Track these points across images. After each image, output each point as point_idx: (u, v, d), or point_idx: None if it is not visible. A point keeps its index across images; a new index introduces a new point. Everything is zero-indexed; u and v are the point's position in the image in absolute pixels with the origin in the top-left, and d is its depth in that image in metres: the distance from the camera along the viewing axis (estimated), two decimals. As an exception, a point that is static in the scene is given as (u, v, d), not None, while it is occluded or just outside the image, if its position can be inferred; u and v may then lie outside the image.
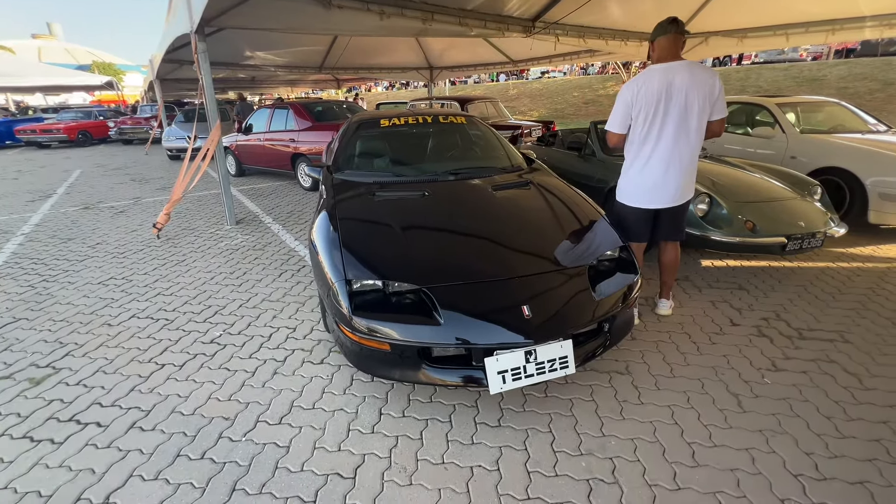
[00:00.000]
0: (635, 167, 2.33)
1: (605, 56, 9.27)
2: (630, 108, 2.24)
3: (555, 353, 1.69)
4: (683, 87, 2.12)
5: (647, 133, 2.23)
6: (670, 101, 2.14)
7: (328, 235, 2.11)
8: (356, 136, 3.22)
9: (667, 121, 2.17)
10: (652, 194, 2.31)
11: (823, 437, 1.70)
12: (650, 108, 2.17)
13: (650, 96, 2.16)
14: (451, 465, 1.62)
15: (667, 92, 2.13)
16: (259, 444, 1.74)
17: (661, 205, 2.32)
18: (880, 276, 3.06)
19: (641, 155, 2.28)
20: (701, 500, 1.45)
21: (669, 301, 2.64)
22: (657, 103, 2.15)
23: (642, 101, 2.19)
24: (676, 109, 2.14)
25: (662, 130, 2.19)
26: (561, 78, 26.00)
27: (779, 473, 1.54)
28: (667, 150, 2.21)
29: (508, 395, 1.96)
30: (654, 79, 2.16)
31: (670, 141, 2.19)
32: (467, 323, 1.68)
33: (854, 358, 2.18)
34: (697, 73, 2.13)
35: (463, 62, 11.87)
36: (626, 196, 2.42)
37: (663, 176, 2.25)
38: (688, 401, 1.92)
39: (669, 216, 2.38)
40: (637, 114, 2.22)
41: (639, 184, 2.33)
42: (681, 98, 2.13)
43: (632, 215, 2.41)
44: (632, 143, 2.32)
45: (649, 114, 2.18)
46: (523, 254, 1.99)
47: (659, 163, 2.24)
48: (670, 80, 2.13)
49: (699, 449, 1.66)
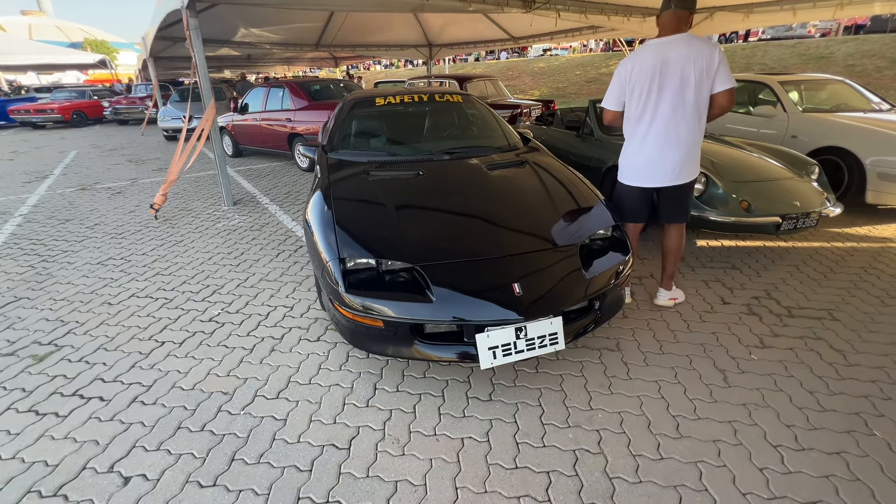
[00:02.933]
0: (632, 145, 2.30)
1: (607, 32, 9.06)
2: (624, 84, 2.21)
3: (545, 330, 1.72)
4: (679, 61, 2.06)
5: (643, 110, 2.19)
6: (665, 77, 2.09)
7: (323, 215, 2.13)
8: (351, 116, 3.19)
9: (662, 97, 2.12)
10: (648, 172, 2.27)
11: (805, 410, 1.75)
12: (644, 84, 2.13)
13: (643, 72, 2.12)
14: (443, 436, 1.68)
15: (661, 67, 2.09)
16: (257, 417, 1.80)
17: (658, 183, 2.28)
18: (873, 256, 3.08)
19: (638, 132, 2.24)
20: (682, 468, 1.51)
21: (669, 292, 2.55)
22: (651, 79, 2.11)
23: (636, 78, 2.15)
24: (672, 85, 2.09)
25: (658, 107, 2.15)
26: (563, 56, 25.45)
27: (759, 444, 1.60)
28: (662, 127, 2.16)
29: (500, 371, 2.01)
30: (648, 54, 2.12)
31: (666, 117, 2.14)
32: (459, 300, 1.71)
33: (841, 335, 2.22)
34: (695, 45, 2.06)
35: (463, 39, 11.62)
36: (624, 174, 2.39)
37: (660, 153, 2.20)
38: (675, 376, 1.97)
39: (670, 196, 2.32)
40: (632, 90, 2.19)
41: (636, 162, 2.29)
42: (676, 73, 2.07)
43: (629, 194, 2.38)
44: (628, 120, 2.29)
45: (643, 90, 2.14)
46: (515, 232, 2.00)
47: (655, 140, 2.19)
48: (665, 56, 2.08)
49: (683, 421, 1.71)
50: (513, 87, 17.97)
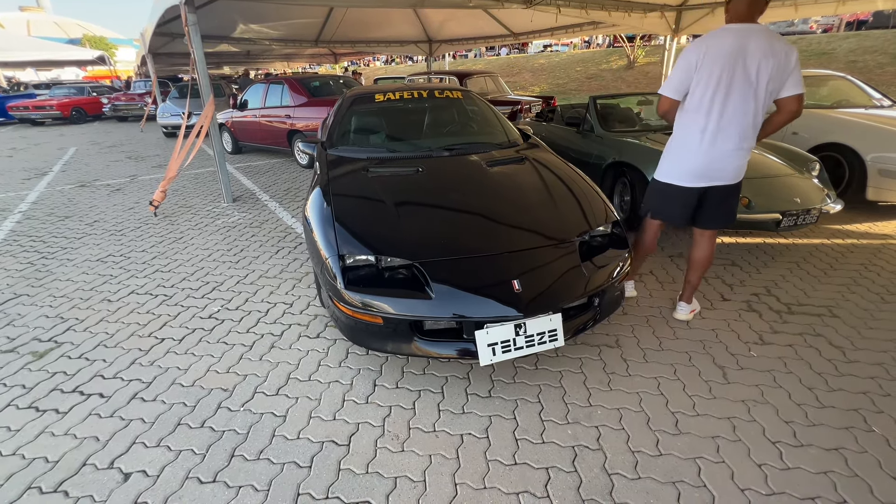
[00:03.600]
0: (689, 139, 2.04)
1: (608, 28, 9.02)
2: (692, 71, 1.94)
3: (544, 327, 1.72)
4: (758, 53, 1.84)
5: (711, 100, 1.94)
6: (741, 67, 1.87)
7: (322, 211, 2.12)
8: (351, 112, 3.18)
9: (734, 88, 1.90)
10: (705, 170, 2.03)
11: (804, 406, 1.75)
12: (717, 71, 1.89)
13: (719, 58, 1.88)
14: (442, 433, 1.68)
15: (739, 56, 1.85)
16: (257, 413, 1.80)
17: (713, 182, 2.05)
18: (873, 253, 3.08)
19: (697, 124, 2.00)
20: (681, 465, 1.51)
21: (691, 305, 2.35)
22: (725, 67, 1.88)
23: (709, 63, 1.90)
24: (747, 76, 1.87)
25: (728, 98, 1.91)
26: (563, 52, 25.34)
27: (758, 440, 1.60)
28: (729, 121, 1.94)
29: (499, 367, 2.01)
30: (727, 39, 1.87)
31: (735, 111, 1.93)
32: (458, 297, 1.71)
33: (840, 332, 2.22)
34: (774, 40, 1.86)
35: (463, 35, 11.57)
36: (672, 172, 2.13)
37: (721, 150, 1.99)
38: (674, 373, 1.97)
39: (719, 196, 2.09)
40: (700, 77, 1.93)
41: (691, 158, 2.04)
42: (753, 64, 1.85)
43: (674, 194, 2.12)
44: (687, 111, 2.03)
45: (715, 78, 1.90)
46: (515, 229, 2.00)
47: (718, 135, 1.97)
48: (744, 44, 1.85)
49: (682, 418, 1.71)
50: (513, 83, 17.91)
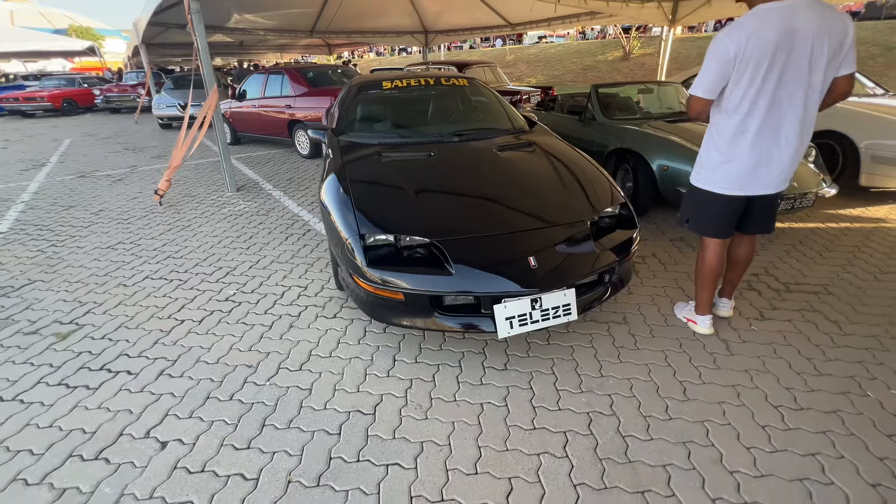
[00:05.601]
0: (732, 143, 1.78)
1: (606, 19, 9.05)
2: (731, 64, 1.67)
3: (559, 301, 1.80)
4: (810, 33, 1.58)
5: (756, 97, 1.68)
6: (792, 53, 1.61)
7: (339, 195, 2.17)
8: (359, 99, 3.22)
9: (784, 79, 1.64)
10: (753, 178, 1.80)
11: (803, 375, 1.85)
12: (763, 62, 1.62)
13: (764, 47, 1.60)
14: (463, 402, 1.77)
15: (788, 40, 1.60)
16: (283, 387, 1.87)
17: (763, 191, 1.82)
18: (866, 236, 3.19)
19: (745, 125, 1.74)
20: (690, 427, 1.61)
21: (732, 301, 2.23)
22: (773, 55, 1.61)
23: (752, 54, 1.62)
24: (800, 65, 1.62)
25: (778, 92, 1.66)
26: (559, 43, 25.30)
27: (761, 405, 1.70)
28: (780, 119, 1.70)
29: (513, 343, 2.10)
30: (772, 23, 1.59)
31: (786, 106, 1.68)
32: (477, 273, 1.78)
33: (836, 308, 2.33)
34: (828, 13, 1.60)
35: (459, 25, 11.55)
36: (714, 181, 1.87)
37: (771, 154, 1.75)
38: (680, 346, 2.06)
39: (766, 204, 1.90)
40: (743, 70, 1.66)
41: (736, 166, 1.80)
42: (806, 48, 1.60)
43: (720, 206, 1.89)
44: (727, 110, 1.77)
45: (760, 71, 1.64)
46: (529, 209, 2.07)
47: (770, 136, 1.73)
48: (793, 26, 1.58)
49: (689, 386, 1.81)
50: (509, 74, 17.88)
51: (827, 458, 1.47)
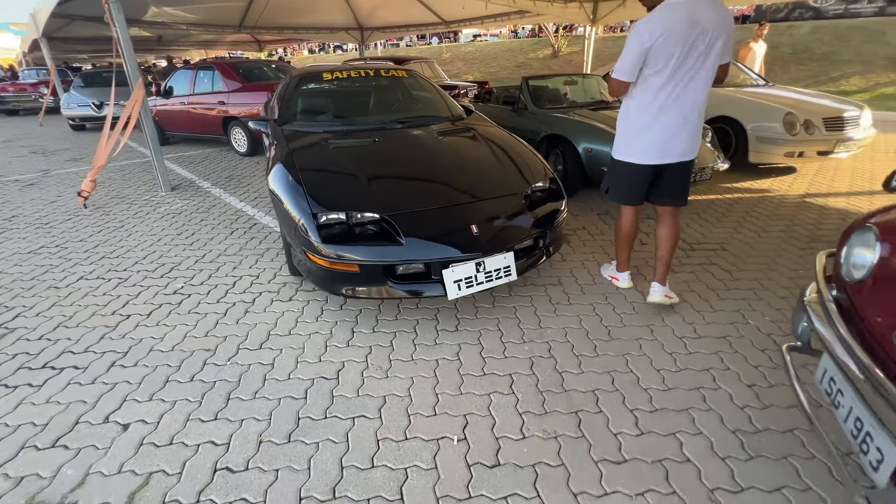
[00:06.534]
0: (646, 117, 2.03)
1: (534, 18, 9.57)
2: (648, 51, 1.90)
3: (500, 264, 2.02)
4: (710, 24, 1.85)
5: (669, 78, 1.93)
6: (696, 41, 1.87)
7: (288, 181, 2.24)
8: (301, 90, 3.26)
9: (688, 63, 1.90)
10: (664, 148, 2.04)
11: (701, 312, 2.22)
12: (674, 48, 1.87)
13: (676, 36, 1.85)
14: (420, 360, 1.93)
15: (693, 31, 1.85)
16: (244, 364, 1.93)
17: (672, 159, 2.07)
18: (754, 203, 3.76)
19: (656, 103, 1.99)
20: (613, 360, 1.90)
21: (665, 287, 2.25)
22: (683, 43, 1.86)
23: (666, 42, 1.87)
24: (702, 50, 1.88)
25: (685, 74, 1.93)
26: (493, 41, 26.07)
27: (669, 338, 2.03)
28: (686, 97, 1.96)
29: (462, 306, 2.30)
30: (680, 15, 1.85)
31: (691, 86, 1.95)
32: (425, 242, 1.95)
33: (728, 260, 2.77)
34: (720, 7, 1.88)
35: (394, 23, 11.62)
36: (631, 151, 2.12)
37: (679, 126, 2.01)
38: (605, 299, 2.37)
39: (675, 174, 2.13)
40: (657, 56, 1.90)
41: (650, 136, 2.04)
42: (706, 37, 1.86)
43: (634, 174, 2.14)
44: (644, 90, 2.02)
45: (673, 55, 1.88)
46: (469, 185, 2.27)
47: (676, 111, 1.98)
48: (696, 18, 1.84)
49: (613, 329, 2.11)
50: (447, 71, 18.19)
51: (716, 371, 1.81)
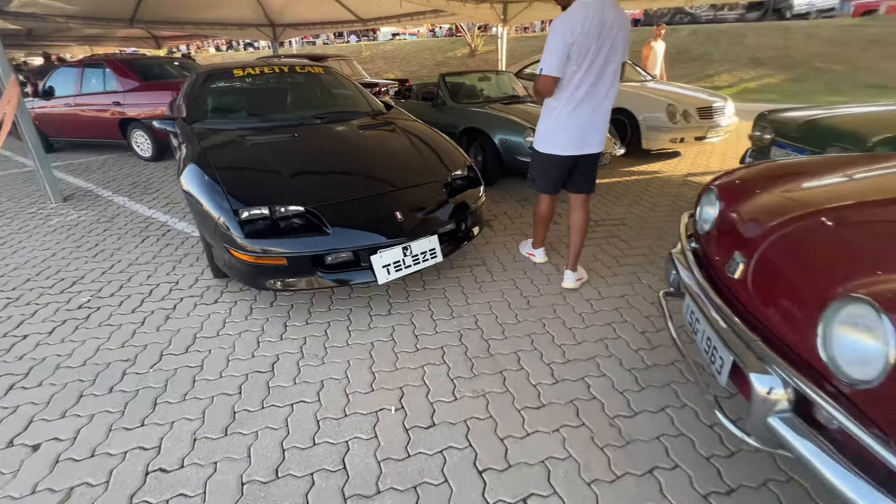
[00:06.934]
0: (564, 111, 2.15)
1: (449, 17, 9.83)
2: (569, 47, 2.00)
3: (426, 247, 2.15)
4: (615, 24, 2.01)
5: (585, 74, 2.06)
6: (607, 39, 2.01)
7: (203, 179, 2.17)
8: (210, 87, 3.12)
9: (599, 60, 2.04)
10: (580, 140, 2.19)
11: (605, 277, 2.54)
12: (589, 45, 2.00)
13: (591, 33, 1.98)
14: (355, 344, 2.01)
15: (603, 29, 1.99)
16: (169, 370, 1.86)
17: (587, 150, 2.22)
18: (647, 184, 4.29)
19: (574, 98, 2.11)
20: (532, 325, 2.12)
21: (577, 274, 2.44)
22: (597, 40, 2.00)
23: (584, 38, 1.98)
24: (611, 48, 2.04)
25: (598, 70, 2.06)
26: (412, 40, 26.23)
27: (578, 301, 2.30)
28: (598, 92, 2.11)
29: (394, 292, 2.40)
30: (594, 14, 1.97)
31: (602, 81, 2.09)
32: (352, 231, 2.02)
33: (626, 233, 3.16)
34: (620, 10, 2.05)
35: (308, 20, 11.27)
36: (551, 143, 2.25)
37: (592, 120, 2.15)
38: (524, 274, 2.61)
39: (587, 165, 2.29)
40: (577, 52, 2.01)
41: (568, 129, 2.17)
42: (611, 35, 2.01)
43: (557, 165, 2.28)
44: (562, 86, 2.12)
45: (587, 52, 2.01)
46: (392, 175, 2.36)
47: (590, 106, 2.12)
48: (605, 18, 1.99)
49: (531, 299, 2.34)
50: (367, 69, 18.02)
51: (616, 324, 2.11)
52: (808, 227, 1.15)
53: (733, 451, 1.44)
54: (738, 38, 12.85)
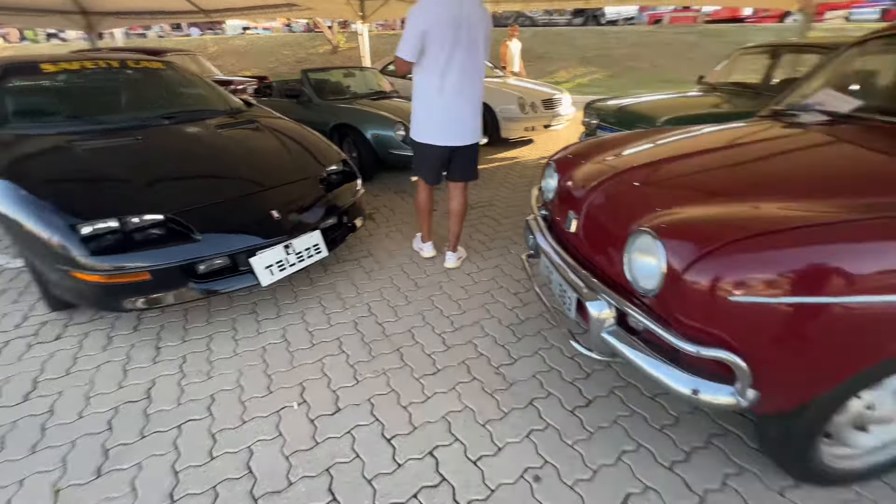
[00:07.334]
0: (435, 102, 2.19)
1: (304, 12, 9.46)
2: (424, 34, 2.03)
3: (309, 243, 2.14)
4: (475, 17, 2.06)
5: (447, 63, 2.08)
6: (468, 31, 2.05)
7: (20, 195, 1.82)
8: (9, 86, 2.55)
9: (461, 51, 2.07)
10: (453, 130, 2.24)
11: (482, 253, 2.82)
12: (447, 35, 2.03)
13: (447, 23, 2.01)
14: (245, 352, 1.92)
15: (461, 20, 2.03)
16: (4, 425, 1.55)
17: (461, 142, 2.27)
18: (510, 168, 4.81)
19: (441, 88, 2.14)
20: (422, 303, 2.28)
21: (457, 254, 2.63)
22: (455, 31, 2.03)
23: (439, 27, 2.01)
24: (472, 39, 2.07)
25: (462, 61, 2.09)
26: (266, 35, 24.40)
27: (462, 277, 2.53)
28: (466, 83, 2.14)
29: (281, 294, 2.33)
30: (450, 5, 2.02)
31: (468, 73, 2.13)
32: (225, 235, 1.91)
33: (496, 212, 3.53)
34: (480, 7, 2.10)
35: (135, 8, 9.72)
36: (426, 133, 2.28)
37: (465, 110, 2.20)
38: (411, 259, 2.75)
39: (465, 155, 2.36)
40: (434, 41, 2.04)
41: (441, 119, 2.22)
42: (473, 29, 2.06)
43: (435, 155, 2.32)
44: (429, 73, 2.15)
45: (447, 42, 2.04)
46: (264, 173, 2.27)
47: (459, 97, 2.17)
48: (463, 11, 2.03)
49: (419, 280, 2.50)
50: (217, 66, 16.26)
51: (494, 291, 2.39)
52: (614, 184, 1.50)
53: (589, 372, 1.78)
54: (569, 40, 14.88)
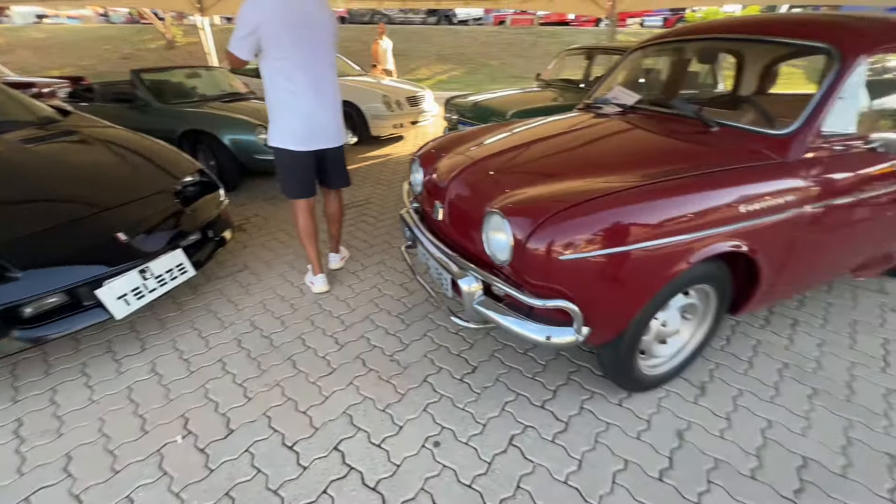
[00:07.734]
0: (288, 102, 2.04)
1: (127, 1, 8.08)
2: (257, 31, 1.87)
3: (171, 263, 1.95)
4: (318, 16, 1.98)
5: (294, 63, 1.97)
6: (313, 29, 1.96)
7: None
8: None
9: (313, 50, 1.99)
10: (317, 134, 2.12)
11: (364, 250, 2.87)
12: (288, 33, 1.91)
13: (285, 21, 1.89)
14: (103, 397, 1.69)
15: (307, 19, 1.93)
16: None
17: (326, 144, 2.17)
18: (383, 164, 4.90)
19: (293, 87, 2.00)
20: (311, 308, 2.25)
21: (340, 254, 2.61)
22: (297, 29, 1.91)
23: (276, 25, 1.88)
24: (320, 38, 2.00)
25: (310, 60, 1.99)
26: (74, 25, 20.15)
27: (346, 277, 2.55)
28: (319, 82, 2.05)
29: (142, 325, 2.08)
30: (291, 2, 1.90)
31: (321, 71, 2.04)
32: (55, 269, 1.64)
33: (373, 208, 3.60)
34: (323, 5, 2.02)
35: None
36: (288, 139, 2.09)
37: (322, 112, 2.10)
38: (292, 267, 2.67)
39: (333, 159, 2.26)
40: (272, 39, 1.90)
41: (302, 123, 2.07)
42: (319, 28, 1.99)
43: (298, 163, 2.14)
44: (279, 77, 2.00)
45: (288, 40, 1.92)
46: (97, 191, 1.98)
47: (314, 96, 2.04)
48: (306, 9, 1.94)
49: (303, 286, 2.45)
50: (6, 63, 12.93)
51: (380, 285, 2.47)
52: (470, 172, 1.70)
53: (472, 343, 2.00)
54: (426, 38, 15.45)
